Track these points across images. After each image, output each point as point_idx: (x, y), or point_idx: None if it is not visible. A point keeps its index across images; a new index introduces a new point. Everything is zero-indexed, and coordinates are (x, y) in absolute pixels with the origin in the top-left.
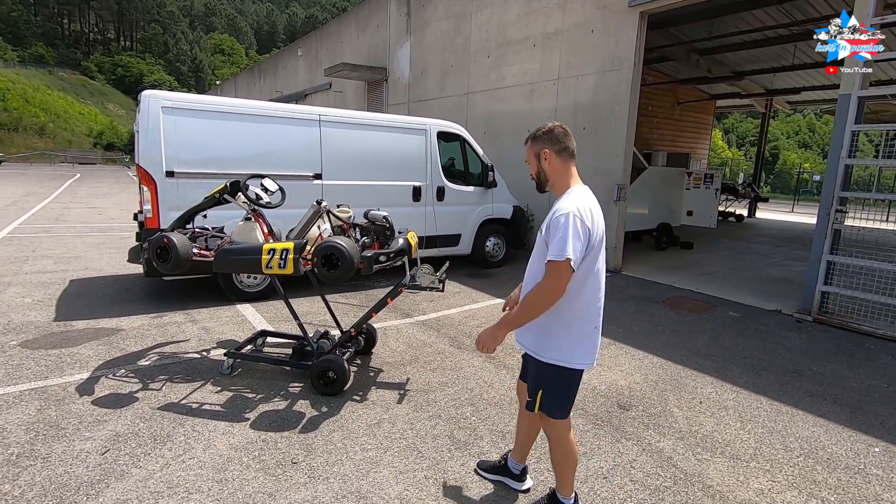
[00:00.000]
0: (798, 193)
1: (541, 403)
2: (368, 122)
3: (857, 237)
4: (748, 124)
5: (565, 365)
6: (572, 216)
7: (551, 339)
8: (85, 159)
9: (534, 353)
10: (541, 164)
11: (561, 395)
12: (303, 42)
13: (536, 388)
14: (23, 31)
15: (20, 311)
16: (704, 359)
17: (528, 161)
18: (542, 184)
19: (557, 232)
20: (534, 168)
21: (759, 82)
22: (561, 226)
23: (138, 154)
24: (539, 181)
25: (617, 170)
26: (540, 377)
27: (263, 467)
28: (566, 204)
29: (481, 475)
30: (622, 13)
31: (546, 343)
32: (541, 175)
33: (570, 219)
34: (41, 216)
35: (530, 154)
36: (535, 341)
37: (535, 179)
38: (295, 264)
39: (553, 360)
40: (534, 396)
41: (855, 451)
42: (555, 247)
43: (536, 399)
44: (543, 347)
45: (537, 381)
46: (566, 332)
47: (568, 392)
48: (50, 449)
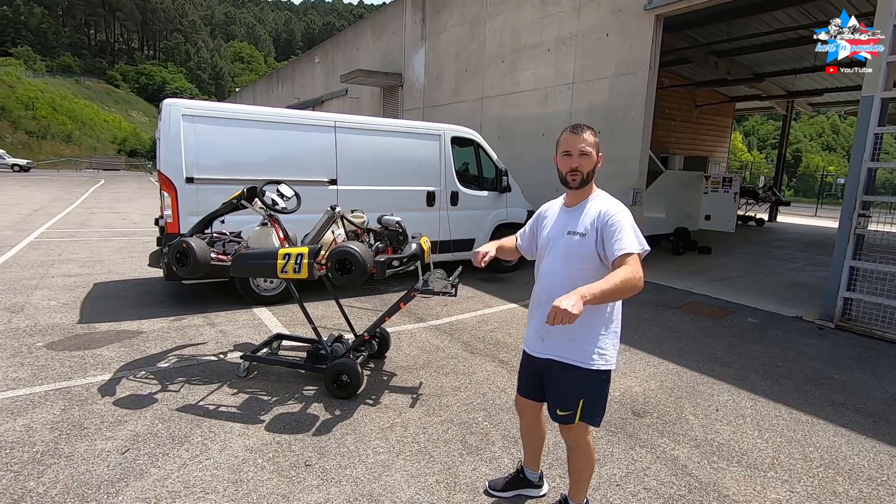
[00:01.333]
0: (822, 197)
1: (583, 413)
2: (383, 127)
3: (882, 242)
4: (769, 126)
5: (610, 368)
6: (628, 214)
7: (596, 343)
8: (109, 165)
9: (576, 361)
10: (598, 164)
11: (603, 400)
12: (320, 49)
13: (576, 399)
14: (51, 42)
15: (46, 314)
16: (721, 366)
17: (590, 153)
18: (587, 182)
19: (624, 227)
20: (592, 163)
21: (779, 84)
22: (626, 223)
23: (159, 160)
24: (588, 179)
25: (632, 173)
26: (583, 386)
27: (277, 469)
28: (613, 205)
29: (496, 496)
30: (637, 17)
31: (591, 349)
32: (592, 174)
33: (629, 216)
34: (67, 221)
35: (594, 148)
36: (576, 349)
37: (584, 177)
38: (309, 269)
39: (601, 366)
40: (572, 408)
41: (878, 463)
42: (629, 239)
43: (577, 410)
44: (588, 354)
45: (578, 391)
46: (611, 334)
47: (607, 396)
48: (73, 448)
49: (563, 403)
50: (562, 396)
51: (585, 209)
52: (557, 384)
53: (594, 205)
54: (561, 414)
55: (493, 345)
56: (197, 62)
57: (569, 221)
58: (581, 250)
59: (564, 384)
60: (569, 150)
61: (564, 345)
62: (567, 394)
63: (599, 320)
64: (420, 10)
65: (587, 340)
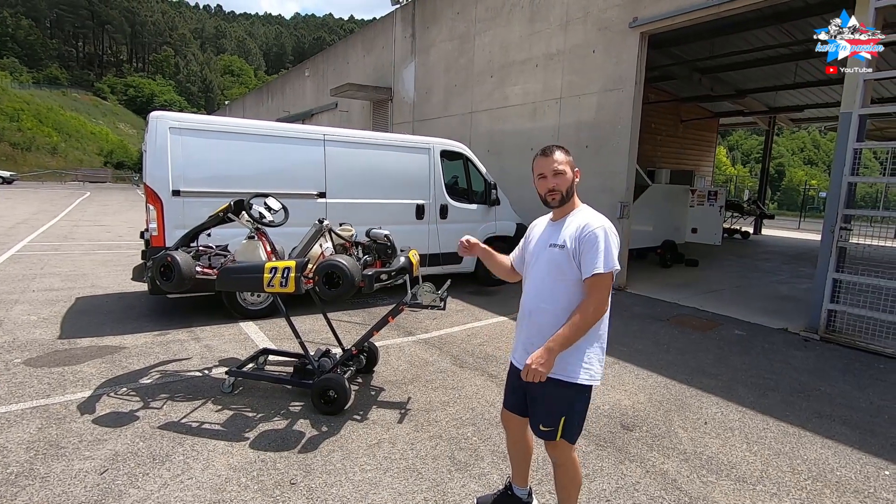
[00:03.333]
0: (804, 210)
1: (564, 431)
2: (372, 141)
3: (864, 254)
4: (753, 141)
5: (593, 382)
6: (608, 230)
7: (582, 357)
8: (95, 178)
9: (561, 376)
10: (575, 179)
11: (582, 418)
12: (310, 63)
13: (559, 415)
14: (39, 54)
15: (26, 329)
16: (710, 378)
17: (565, 171)
18: (566, 199)
19: (598, 244)
20: (568, 181)
21: (761, 100)
22: (601, 239)
23: (146, 173)
24: (567, 196)
25: (620, 187)
26: (566, 401)
27: (262, 488)
28: (593, 219)
29: None
30: (623, 34)
31: (576, 363)
32: (570, 191)
33: (608, 232)
34: (51, 234)
35: (568, 166)
36: (561, 363)
37: (563, 194)
38: (297, 283)
39: (584, 381)
40: (554, 424)
41: (865, 475)
42: (600, 259)
43: (559, 427)
44: (573, 368)
45: (561, 407)
46: (596, 349)
47: (586, 412)
48: (49, 468)
49: (546, 419)
50: (545, 412)
51: (567, 223)
52: (541, 399)
53: (576, 218)
54: (543, 430)
55: (482, 358)
56: (186, 75)
57: (552, 234)
58: (561, 262)
59: (548, 399)
60: (543, 172)
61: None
62: (550, 409)
63: (593, 334)
64: (410, 25)
65: (572, 354)
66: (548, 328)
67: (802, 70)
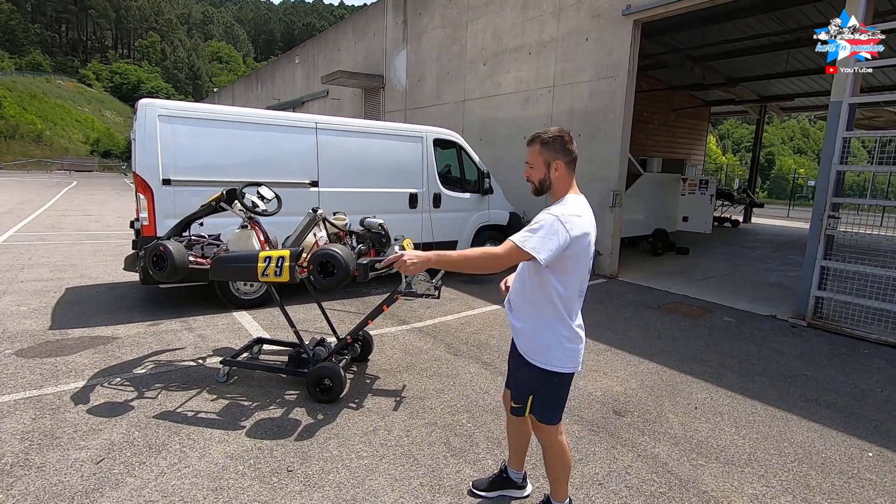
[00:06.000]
0: (793, 198)
1: (531, 408)
2: (365, 129)
3: (851, 242)
4: (743, 130)
5: (552, 369)
6: (557, 219)
7: (545, 342)
8: (82, 167)
9: (526, 356)
10: (549, 172)
11: (551, 400)
12: (300, 50)
13: (526, 393)
14: (20, 40)
15: (15, 320)
16: (700, 364)
17: (533, 164)
18: (542, 191)
19: (534, 224)
20: (539, 174)
21: (752, 89)
22: (542, 222)
23: (135, 162)
24: (541, 188)
25: (612, 176)
26: (529, 381)
27: (259, 475)
28: (557, 209)
29: (480, 496)
30: (616, 21)
31: (539, 346)
32: (545, 183)
33: (553, 221)
34: (37, 224)
35: (538, 159)
36: (527, 343)
37: (536, 186)
38: (291, 272)
39: (544, 365)
40: (522, 402)
41: (849, 456)
42: (524, 234)
43: (527, 404)
44: (536, 351)
45: (527, 386)
46: (554, 336)
47: (558, 396)
48: (44, 458)
49: (516, 395)
50: (516, 387)
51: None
52: (516, 375)
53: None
54: (514, 406)
55: (476, 346)
56: (173, 61)
57: None
58: None
59: (520, 376)
60: (525, 160)
61: (517, 336)
62: (519, 385)
63: (540, 320)
64: (401, 11)
65: (536, 337)
66: (515, 303)
67: (793, 59)
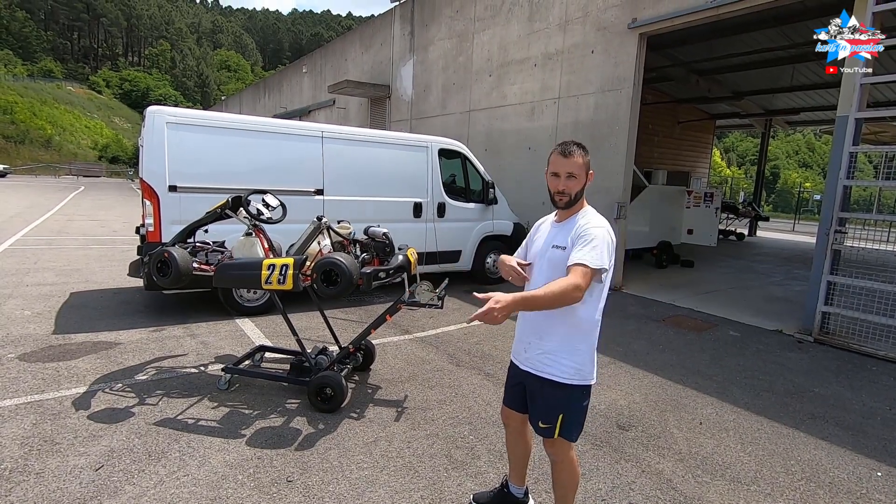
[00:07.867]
0: (799, 212)
1: (562, 429)
2: (370, 138)
3: (858, 257)
4: (748, 143)
5: (588, 383)
6: (607, 232)
7: (573, 358)
8: (89, 172)
9: (554, 377)
10: (587, 182)
11: (580, 415)
12: (308, 59)
13: (556, 413)
14: (33, 47)
15: (19, 324)
16: (705, 379)
17: (577, 174)
18: (574, 202)
19: (593, 241)
20: (580, 184)
21: (758, 102)
22: (598, 238)
23: (142, 168)
24: (575, 200)
25: (617, 188)
26: (562, 400)
27: (258, 485)
28: (597, 221)
29: None
30: (622, 35)
31: (568, 364)
32: (581, 194)
33: (606, 234)
34: (44, 228)
35: (583, 170)
36: (554, 364)
37: (572, 198)
38: (294, 280)
39: (579, 381)
40: (552, 422)
41: (857, 476)
42: (591, 253)
43: (557, 424)
44: (566, 369)
45: (558, 405)
46: (588, 349)
47: (586, 411)
48: (44, 464)
49: (544, 416)
50: (542, 409)
51: (571, 225)
52: (539, 397)
53: (581, 220)
54: (542, 427)
55: (479, 357)
56: (182, 69)
57: (556, 236)
58: (560, 263)
59: (545, 398)
60: (557, 171)
61: (541, 359)
62: (547, 407)
63: (576, 335)
64: (409, 23)
65: (564, 355)
66: (544, 326)
67: (799, 73)
